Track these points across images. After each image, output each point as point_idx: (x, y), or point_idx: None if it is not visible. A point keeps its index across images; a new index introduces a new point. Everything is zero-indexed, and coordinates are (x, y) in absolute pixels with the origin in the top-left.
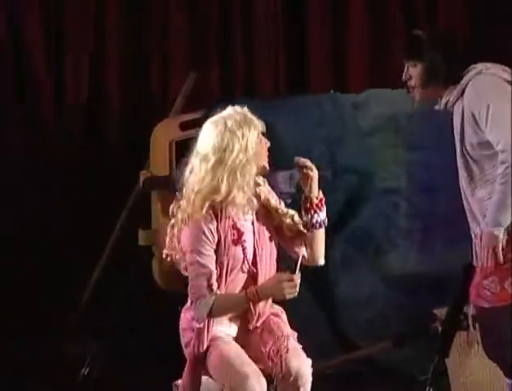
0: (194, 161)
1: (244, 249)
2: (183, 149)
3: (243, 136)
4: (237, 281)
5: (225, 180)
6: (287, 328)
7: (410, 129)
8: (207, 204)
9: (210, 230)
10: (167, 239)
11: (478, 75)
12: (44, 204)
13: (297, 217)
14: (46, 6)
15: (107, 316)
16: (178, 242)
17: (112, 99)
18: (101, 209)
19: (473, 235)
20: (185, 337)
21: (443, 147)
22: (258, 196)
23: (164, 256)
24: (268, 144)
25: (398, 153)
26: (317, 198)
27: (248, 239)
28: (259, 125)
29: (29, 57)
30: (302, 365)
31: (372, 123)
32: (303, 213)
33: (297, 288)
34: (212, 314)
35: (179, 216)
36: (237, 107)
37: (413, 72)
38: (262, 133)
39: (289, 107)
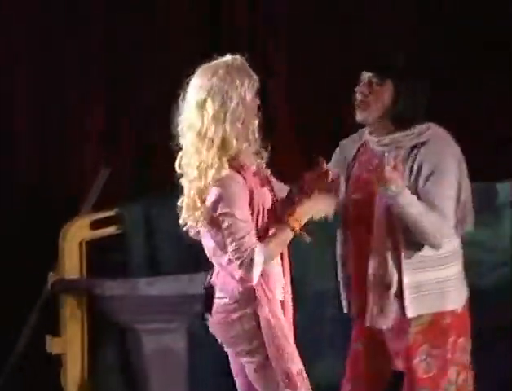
0: (190, 111)
1: (271, 190)
2: (94, 250)
3: (242, 85)
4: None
5: (230, 131)
6: None
7: None
8: (225, 160)
9: (240, 184)
10: (186, 200)
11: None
12: None
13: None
14: None
15: None
16: (202, 202)
17: (18, 193)
18: (6, 313)
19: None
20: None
21: None
22: None
23: (182, 222)
24: (258, 103)
25: (329, 254)
26: None
27: (266, 183)
28: (257, 79)
29: None
30: None
31: None
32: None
33: None
34: (270, 257)
35: (195, 174)
36: (236, 56)
37: (377, 89)
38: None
39: None
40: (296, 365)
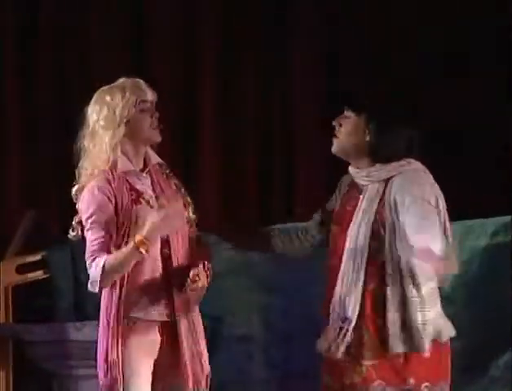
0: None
1: (150, 208)
2: (21, 294)
3: (112, 103)
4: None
5: (104, 150)
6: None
7: (265, 273)
8: (96, 172)
9: (103, 192)
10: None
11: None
12: None
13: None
14: None
15: None
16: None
17: None
18: None
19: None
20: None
21: (302, 291)
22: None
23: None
24: (157, 115)
25: (252, 298)
26: None
27: (152, 202)
28: (144, 93)
29: None
30: None
31: (224, 265)
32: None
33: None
34: (105, 272)
35: (73, 191)
36: (126, 78)
37: (346, 122)
38: (152, 104)
39: None
40: None
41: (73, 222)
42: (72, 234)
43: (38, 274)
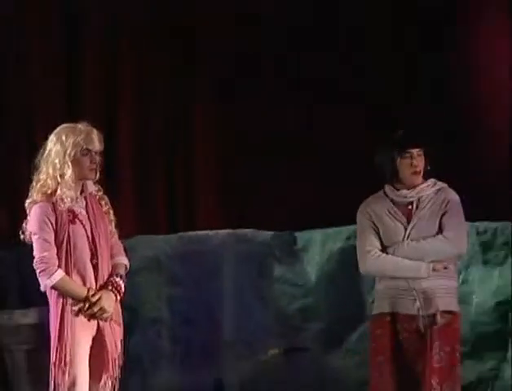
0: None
1: (82, 227)
2: None
3: (65, 142)
4: (82, 257)
5: (51, 176)
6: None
7: (171, 269)
8: (40, 195)
9: (47, 212)
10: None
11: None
12: None
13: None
14: None
15: None
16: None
17: None
18: None
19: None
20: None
21: (201, 283)
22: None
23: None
24: (96, 161)
25: (160, 289)
26: None
27: (84, 222)
28: (91, 143)
29: None
30: None
31: (138, 264)
32: None
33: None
34: (56, 285)
35: (26, 203)
36: (86, 125)
37: (421, 158)
38: (95, 152)
39: None
40: None
41: (24, 225)
42: (22, 236)
43: None
